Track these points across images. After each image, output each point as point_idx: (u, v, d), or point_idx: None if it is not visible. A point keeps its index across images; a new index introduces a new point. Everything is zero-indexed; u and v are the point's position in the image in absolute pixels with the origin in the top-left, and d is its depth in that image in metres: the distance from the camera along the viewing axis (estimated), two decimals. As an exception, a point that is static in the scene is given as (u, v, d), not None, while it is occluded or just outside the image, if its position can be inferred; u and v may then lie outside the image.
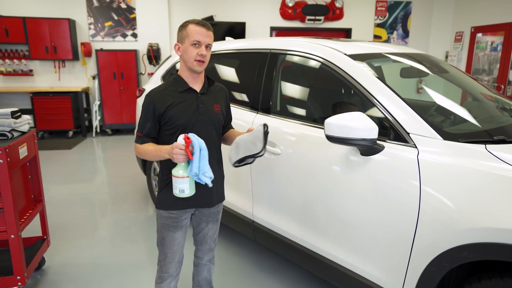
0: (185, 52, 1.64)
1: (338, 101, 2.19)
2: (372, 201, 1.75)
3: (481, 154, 1.49)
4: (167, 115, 1.64)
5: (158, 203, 1.74)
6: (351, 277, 1.89)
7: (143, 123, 1.67)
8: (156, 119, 1.65)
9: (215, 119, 1.74)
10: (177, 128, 1.64)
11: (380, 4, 8.21)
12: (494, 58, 7.90)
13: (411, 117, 1.71)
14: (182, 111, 1.65)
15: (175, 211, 1.72)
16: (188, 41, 1.62)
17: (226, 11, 7.41)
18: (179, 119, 1.64)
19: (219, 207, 1.88)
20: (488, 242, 1.37)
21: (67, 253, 2.84)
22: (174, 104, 1.64)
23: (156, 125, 1.67)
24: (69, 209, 3.67)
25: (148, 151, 1.64)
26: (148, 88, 3.59)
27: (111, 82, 6.86)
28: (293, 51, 2.33)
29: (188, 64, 1.65)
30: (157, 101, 1.64)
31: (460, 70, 2.53)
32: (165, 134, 1.68)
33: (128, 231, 3.22)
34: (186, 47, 1.63)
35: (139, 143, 1.69)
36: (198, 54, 1.61)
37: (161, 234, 1.77)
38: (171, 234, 1.74)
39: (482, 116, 2.04)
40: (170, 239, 1.75)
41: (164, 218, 1.74)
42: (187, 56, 1.64)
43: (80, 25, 6.92)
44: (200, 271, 1.98)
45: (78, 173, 4.79)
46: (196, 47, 1.61)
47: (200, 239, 1.90)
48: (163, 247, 1.77)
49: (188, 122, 1.65)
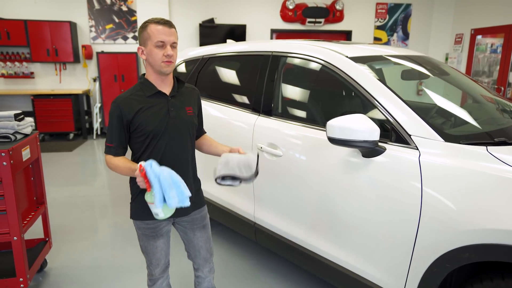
0: (149, 54, 1.54)
1: (340, 105, 2.20)
2: (374, 202, 1.75)
3: (483, 156, 1.50)
4: (136, 122, 1.54)
5: (132, 214, 1.67)
6: (353, 278, 1.90)
7: (111, 132, 1.57)
8: (124, 127, 1.56)
9: (188, 122, 1.65)
10: (148, 135, 1.56)
11: (380, 6, 8.24)
12: (494, 60, 7.92)
13: (412, 119, 1.72)
14: (152, 117, 1.56)
15: (152, 221, 1.64)
16: (151, 43, 1.52)
17: (226, 13, 7.43)
18: (148, 125, 1.55)
19: (202, 212, 1.78)
20: (490, 243, 1.37)
21: (68, 255, 2.84)
22: (143, 110, 1.55)
23: (125, 133, 1.57)
24: (70, 211, 3.68)
25: (119, 167, 1.55)
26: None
27: (112, 84, 6.88)
28: (294, 53, 2.35)
29: (156, 67, 1.55)
30: (124, 107, 1.53)
31: (461, 72, 2.54)
32: (135, 141, 1.59)
33: (129, 233, 3.22)
34: (150, 49, 1.53)
35: (111, 154, 1.58)
36: (164, 55, 1.52)
37: (143, 243, 1.70)
38: (152, 243, 1.68)
39: (483, 118, 2.05)
40: (152, 247, 1.69)
41: (142, 229, 1.67)
42: (152, 59, 1.54)
43: (81, 28, 6.95)
44: (200, 282, 1.91)
45: (79, 175, 4.80)
46: (161, 48, 1.52)
47: (192, 251, 1.81)
48: (147, 254, 1.72)
49: (158, 128, 1.56)
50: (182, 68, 3.34)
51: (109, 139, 1.59)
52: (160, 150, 1.59)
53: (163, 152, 1.60)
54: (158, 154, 1.59)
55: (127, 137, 1.59)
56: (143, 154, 1.60)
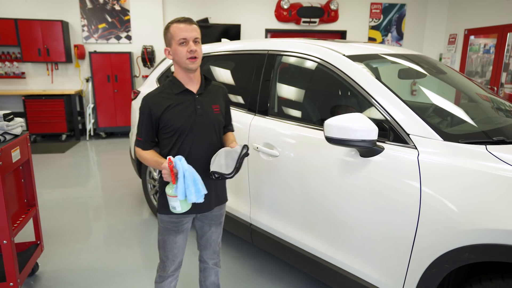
0: (175, 53, 1.61)
1: (338, 104, 2.18)
2: (372, 202, 1.73)
3: (482, 155, 1.49)
4: (164, 119, 1.61)
5: (160, 208, 1.72)
6: (350, 279, 1.87)
7: (141, 127, 1.66)
8: (153, 123, 1.64)
9: (215, 120, 1.70)
10: (175, 132, 1.62)
11: (374, 6, 8.25)
12: (487, 61, 7.98)
13: (411, 118, 1.70)
14: (179, 114, 1.62)
15: (176, 216, 1.70)
16: (174, 42, 1.59)
17: (221, 13, 7.39)
18: (175, 122, 1.61)
19: (222, 210, 1.86)
20: (490, 243, 1.35)
21: (61, 258, 2.78)
22: (171, 107, 1.61)
23: (153, 129, 1.65)
24: (63, 213, 3.61)
25: (147, 159, 1.66)
26: (143, 90, 3.55)
27: (105, 84, 6.80)
28: (290, 52, 2.32)
29: (182, 64, 1.61)
30: (153, 104, 1.61)
31: (457, 71, 2.53)
32: (163, 137, 1.67)
33: (123, 235, 3.17)
34: (175, 48, 1.60)
35: (140, 147, 1.69)
36: (188, 51, 1.57)
37: (162, 237, 1.75)
38: (172, 238, 1.73)
39: (480, 117, 2.04)
40: (171, 242, 1.74)
41: (165, 222, 1.72)
42: (178, 57, 1.60)
43: (73, 27, 6.86)
44: (207, 275, 1.95)
45: (71, 177, 4.73)
46: (184, 45, 1.58)
47: (204, 243, 1.88)
48: (165, 250, 1.76)
49: (185, 125, 1.62)
50: (170, 70, 3.29)
51: (138, 133, 1.68)
52: (187, 146, 1.64)
53: (190, 149, 1.64)
54: (185, 150, 1.64)
55: (155, 133, 1.67)
56: (171, 150, 1.65)
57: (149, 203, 3.53)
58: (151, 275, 2.57)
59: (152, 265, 2.70)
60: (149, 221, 3.44)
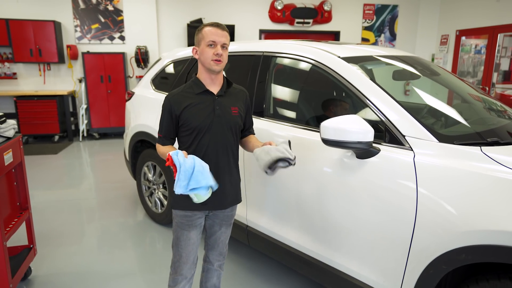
0: (202, 53, 1.67)
1: (333, 105, 2.18)
2: (368, 204, 1.73)
3: (477, 156, 1.50)
4: (183, 117, 1.67)
5: (174, 203, 1.76)
6: (348, 281, 1.87)
7: (162, 123, 1.74)
8: (173, 121, 1.71)
9: (232, 121, 1.73)
10: (193, 130, 1.68)
11: (367, 7, 8.30)
12: (478, 61, 8.07)
13: (406, 120, 1.71)
14: (198, 113, 1.67)
15: (189, 210, 1.74)
16: (204, 43, 1.65)
17: (215, 14, 7.37)
18: (194, 121, 1.66)
19: (234, 211, 1.88)
20: (487, 244, 1.36)
21: (54, 262, 2.75)
22: (191, 106, 1.67)
23: (174, 126, 1.72)
24: (56, 216, 3.57)
25: (161, 154, 1.74)
26: (138, 91, 3.53)
27: (98, 85, 6.75)
28: (286, 53, 2.32)
29: (206, 65, 1.67)
30: (174, 103, 1.68)
31: (450, 72, 2.55)
32: (182, 135, 1.73)
33: (117, 237, 3.15)
34: (203, 49, 1.66)
35: (160, 143, 1.77)
36: (214, 54, 1.63)
37: (176, 234, 1.78)
38: (186, 233, 1.76)
39: (473, 118, 2.06)
40: (185, 238, 1.76)
41: (179, 217, 1.76)
42: (204, 57, 1.66)
43: (66, 28, 6.79)
44: (209, 277, 1.95)
45: (64, 179, 4.68)
46: (212, 48, 1.64)
47: (212, 242, 1.90)
48: (178, 248, 1.78)
49: (203, 124, 1.67)
50: (171, 69, 3.28)
51: (160, 130, 1.75)
52: (204, 145, 1.69)
53: (207, 148, 1.69)
54: (202, 149, 1.69)
55: (175, 130, 1.73)
56: (189, 148, 1.70)
57: (144, 204, 3.51)
58: (146, 278, 2.55)
59: (147, 268, 2.68)
60: (144, 223, 3.41)
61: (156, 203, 3.33)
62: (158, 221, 3.35)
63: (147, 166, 3.33)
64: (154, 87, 3.34)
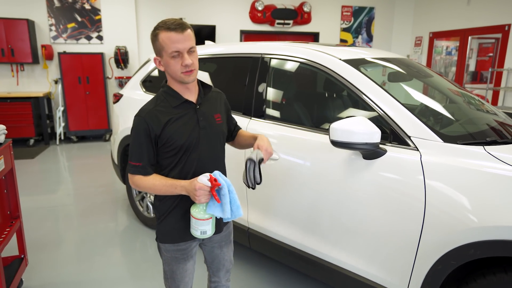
0: (167, 66, 1.40)
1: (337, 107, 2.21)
2: (376, 203, 1.78)
3: (481, 155, 1.57)
4: (165, 136, 1.41)
5: (162, 237, 1.53)
6: (356, 279, 1.91)
7: (138, 149, 1.41)
8: (152, 142, 1.41)
9: (219, 132, 1.54)
10: (179, 149, 1.43)
11: (345, 9, 8.47)
12: (449, 62, 8.44)
13: (411, 121, 1.76)
14: (182, 129, 1.42)
15: (183, 243, 1.53)
16: (166, 54, 1.37)
17: (196, 13, 7.30)
18: (178, 138, 1.41)
19: (230, 228, 1.71)
20: (495, 239, 1.43)
21: (45, 272, 2.64)
22: (171, 122, 1.41)
23: (154, 149, 1.43)
24: (42, 223, 3.42)
25: (156, 186, 1.40)
26: (126, 93, 3.44)
27: (76, 86, 6.52)
28: (285, 55, 2.33)
29: (177, 78, 1.41)
30: (150, 120, 1.39)
31: (441, 74, 2.65)
32: (164, 157, 1.46)
33: (108, 243, 3.06)
34: (166, 60, 1.38)
35: (141, 174, 1.41)
36: (183, 65, 1.36)
37: (170, 268, 1.57)
38: (182, 266, 1.56)
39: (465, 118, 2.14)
40: (181, 271, 1.57)
41: (171, 251, 1.54)
42: (171, 71, 1.40)
43: (40, 27, 6.51)
44: None
45: (46, 184, 4.49)
46: (177, 58, 1.36)
47: (216, 266, 1.71)
48: (174, 280, 1.59)
49: (190, 140, 1.43)
50: (156, 72, 3.22)
51: (135, 157, 1.41)
52: (192, 164, 1.46)
53: (196, 166, 1.46)
54: (190, 169, 1.46)
55: (155, 153, 1.44)
56: (174, 170, 1.46)
57: (134, 209, 3.43)
58: (140, 285, 2.49)
59: (140, 275, 2.62)
60: (135, 228, 3.33)
61: (148, 207, 3.26)
62: (150, 226, 3.29)
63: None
64: (145, 89, 3.27)
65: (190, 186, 1.34)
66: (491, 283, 1.50)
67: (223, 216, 1.34)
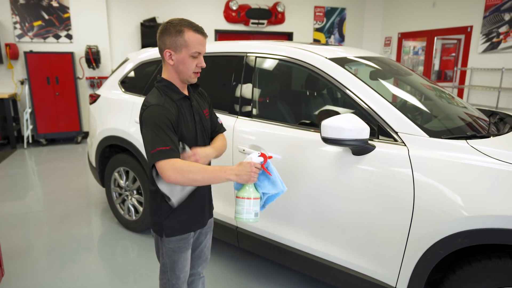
0: (181, 62, 1.46)
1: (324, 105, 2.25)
2: (366, 198, 1.82)
3: (465, 149, 1.65)
4: (177, 126, 1.47)
5: (169, 231, 1.57)
6: (346, 273, 1.95)
7: (162, 135, 1.37)
8: (173, 130, 1.43)
9: (208, 126, 1.65)
10: (183, 140, 1.50)
11: (318, 9, 8.62)
12: (416, 61, 8.80)
13: (397, 118, 1.82)
14: (186, 122, 1.52)
15: (187, 232, 1.62)
16: (186, 51, 1.44)
17: (169, 12, 7.18)
18: (185, 130, 1.50)
19: (212, 217, 1.83)
20: (479, 228, 1.51)
21: (22, 282, 2.51)
22: (180, 115, 1.50)
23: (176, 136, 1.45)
24: (14, 231, 3.25)
25: (206, 170, 1.37)
26: (104, 94, 3.34)
27: (45, 87, 6.24)
28: (271, 54, 2.34)
29: (184, 76, 1.49)
30: (171, 109, 1.45)
31: (417, 73, 2.76)
32: None
33: (87, 249, 2.95)
34: (184, 58, 1.45)
35: (174, 157, 1.35)
36: (198, 66, 1.48)
37: (171, 259, 1.61)
38: (183, 255, 1.63)
39: (444, 114, 2.25)
40: (183, 260, 1.63)
41: (175, 242, 1.59)
42: (183, 68, 1.46)
43: (3, 24, 6.18)
44: (195, 286, 1.86)
45: (16, 190, 4.27)
46: (195, 59, 1.46)
47: (198, 253, 1.80)
48: (175, 271, 1.62)
49: (192, 133, 1.54)
50: (142, 70, 3.14)
51: (160, 142, 1.36)
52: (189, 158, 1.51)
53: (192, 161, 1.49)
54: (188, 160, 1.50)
55: None
56: None
57: (115, 212, 3.33)
58: (131, 289, 2.43)
59: (126, 279, 2.56)
60: (115, 231, 3.23)
61: (130, 210, 3.18)
62: (132, 229, 3.21)
63: (118, 172, 3.17)
64: (124, 89, 3.19)
65: (243, 167, 1.38)
66: (476, 269, 1.58)
67: (276, 190, 1.44)
